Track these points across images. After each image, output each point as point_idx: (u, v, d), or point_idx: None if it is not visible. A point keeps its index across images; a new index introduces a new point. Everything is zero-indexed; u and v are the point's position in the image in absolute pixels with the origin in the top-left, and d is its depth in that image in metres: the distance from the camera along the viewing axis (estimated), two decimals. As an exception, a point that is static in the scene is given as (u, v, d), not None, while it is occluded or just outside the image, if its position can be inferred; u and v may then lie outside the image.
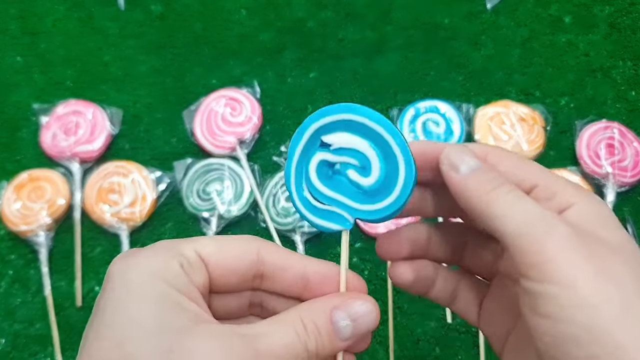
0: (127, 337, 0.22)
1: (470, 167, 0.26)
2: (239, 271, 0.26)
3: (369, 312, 0.27)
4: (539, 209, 0.25)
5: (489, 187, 0.26)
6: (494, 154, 0.28)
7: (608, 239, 0.25)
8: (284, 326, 0.25)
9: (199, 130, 0.61)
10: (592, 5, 0.68)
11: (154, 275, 0.24)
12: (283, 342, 0.24)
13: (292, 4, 0.69)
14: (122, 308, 0.23)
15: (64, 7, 0.70)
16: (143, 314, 0.23)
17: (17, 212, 0.58)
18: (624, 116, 0.62)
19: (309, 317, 0.25)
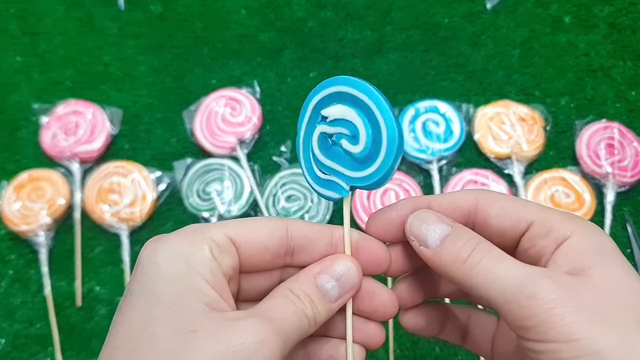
0: (151, 318, 0.24)
1: (438, 237, 0.26)
2: (270, 248, 0.27)
3: (349, 269, 0.28)
4: (519, 269, 0.24)
5: (464, 255, 0.25)
6: (484, 199, 0.28)
7: (602, 274, 0.24)
8: (282, 298, 0.26)
9: (199, 130, 0.61)
10: (592, 5, 0.68)
11: (180, 260, 0.25)
12: (289, 311, 0.26)
13: (292, 4, 0.69)
14: (147, 291, 0.24)
15: (63, 7, 0.70)
16: (167, 296, 0.24)
17: (17, 212, 0.58)
18: (624, 116, 0.62)
19: (297, 287, 0.27)
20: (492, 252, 0.25)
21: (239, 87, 0.63)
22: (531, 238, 0.27)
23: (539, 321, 0.23)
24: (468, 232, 0.27)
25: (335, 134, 0.29)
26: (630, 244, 0.57)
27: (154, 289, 0.24)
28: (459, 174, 0.59)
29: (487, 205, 0.28)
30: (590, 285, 0.24)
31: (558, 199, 0.57)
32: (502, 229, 0.28)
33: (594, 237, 0.26)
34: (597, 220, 0.57)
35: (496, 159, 0.60)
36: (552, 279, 0.24)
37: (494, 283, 0.24)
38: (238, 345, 0.23)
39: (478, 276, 0.25)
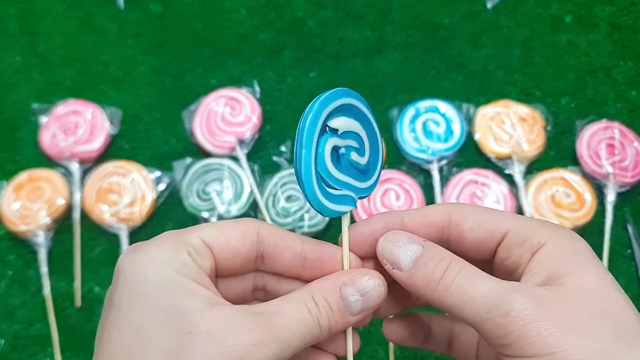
0: (145, 322, 0.24)
1: (410, 259, 0.26)
2: (241, 252, 0.27)
3: (377, 287, 0.27)
4: (492, 286, 0.24)
5: (437, 276, 0.25)
6: (458, 212, 0.28)
7: (577, 283, 0.24)
8: (296, 303, 0.26)
9: (198, 130, 0.61)
10: (592, 5, 0.68)
11: (165, 265, 0.25)
12: (297, 317, 0.25)
13: (292, 3, 0.69)
14: (138, 296, 0.24)
15: (63, 7, 0.70)
16: (159, 300, 0.24)
17: (17, 212, 0.58)
18: (625, 116, 0.62)
19: (319, 294, 0.26)
20: (465, 271, 0.25)
21: (238, 87, 0.63)
22: (507, 248, 0.27)
23: (516, 338, 0.23)
24: (440, 251, 0.27)
25: (346, 147, 0.28)
26: (631, 244, 0.57)
27: (145, 295, 0.24)
28: (459, 174, 0.59)
29: (461, 218, 0.28)
30: (565, 295, 0.24)
31: (559, 199, 0.57)
32: (477, 241, 0.28)
33: (569, 244, 0.26)
34: (597, 221, 0.57)
35: (497, 159, 0.60)
36: (525, 294, 0.24)
37: (468, 303, 0.24)
38: (232, 346, 0.23)
39: (452, 297, 0.25)
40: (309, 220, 0.57)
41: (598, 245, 0.56)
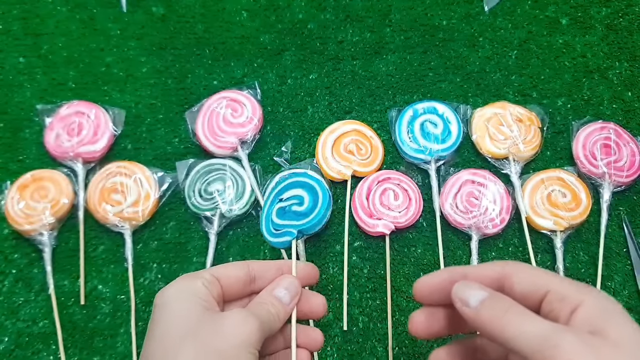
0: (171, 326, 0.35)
1: (478, 299, 0.32)
2: (241, 278, 0.40)
3: (292, 282, 0.40)
4: (545, 324, 0.29)
5: (499, 313, 0.31)
6: (510, 270, 0.34)
7: (612, 334, 0.29)
8: (254, 305, 0.39)
9: (200, 131, 0.61)
10: (589, 7, 0.68)
11: (185, 292, 0.36)
12: (261, 309, 0.38)
13: (292, 6, 0.70)
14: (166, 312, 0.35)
15: (66, 9, 0.70)
16: (182, 312, 0.35)
17: (21, 212, 0.58)
18: (621, 117, 0.63)
19: (263, 298, 0.39)
20: (523, 311, 0.31)
21: (240, 89, 0.64)
22: (549, 302, 0.32)
23: None
24: (502, 297, 0.32)
25: (287, 206, 0.47)
26: (627, 243, 0.57)
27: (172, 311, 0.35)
28: (456, 174, 0.59)
29: (512, 275, 0.33)
30: (607, 342, 0.28)
31: (555, 198, 0.57)
32: (524, 295, 0.33)
33: (604, 303, 0.31)
34: (593, 220, 0.58)
35: (493, 159, 0.60)
36: (573, 334, 0.28)
37: (523, 335, 0.29)
38: (230, 324, 0.35)
39: (510, 330, 0.30)
40: None
41: (594, 244, 0.57)
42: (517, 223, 0.58)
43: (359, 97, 0.65)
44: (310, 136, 0.63)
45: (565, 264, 0.56)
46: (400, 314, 0.56)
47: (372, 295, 0.56)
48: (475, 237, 0.57)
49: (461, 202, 0.58)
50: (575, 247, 0.57)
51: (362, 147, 0.61)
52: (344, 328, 0.55)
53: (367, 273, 0.57)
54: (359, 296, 0.56)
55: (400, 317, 0.55)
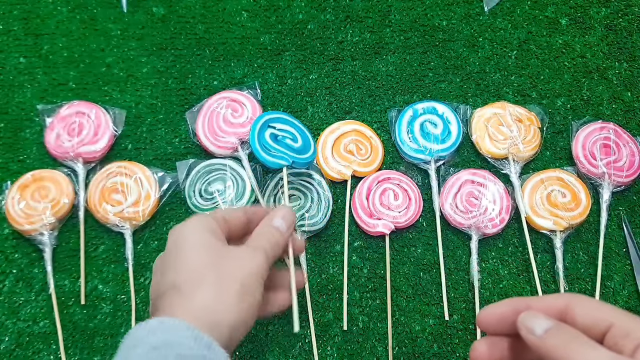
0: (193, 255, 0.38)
1: (543, 328, 0.33)
2: (242, 219, 0.43)
3: (287, 211, 0.44)
4: (609, 355, 0.30)
5: (565, 341, 0.31)
6: (573, 302, 0.34)
7: None
8: (256, 236, 0.42)
9: (201, 131, 0.62)
10: (588, 7, 0.69)
11: (202, 227, 0.40)
12: (263, 239, 0.42)
13: (293, 6, 0.70)
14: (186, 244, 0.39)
15: (66, 9, 0.70)
16: (203, 244, 0.39)
17: (22, 212, 0.58)
18: (620, 117, 0.63)
19: (262, 228, 0.43)
20: (588, 342, 0.31)
21: (240, 89, 0.64)
22: (612, 337, 0.32)
23: None
24: (568, 327, 0.33)
25: (281, 136, 0.54)
26: (626, 242, 0.57)
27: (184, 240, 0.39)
28: (456, 174, 0.59)
29: (575, 306, 0.34)
30: None
31: (554, 198, 0.58)
32: (586, 327, 0.33)
33: None
34: (592, 220, 0.58)
35: (493, 159, 0.61)
36: None
37: None
38: (244, 257, 0.39)
39: (575, 358, 0.30)
40: (309, 219, 0.58)
41: (593, 244, 0.57)
42: (517, 223, 0.58)
43: (359, 98, 0.65)
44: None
45: (565, 263, 0.56)
46: (400, 313, 0.56)
47: (372, 295, 0.56)
48: (475, 237, 0.57)
49: (461, 202, 0.58)
50: (574, 247, 0.58)
51: (362, 147, 0.61)
52: (344, 328, 0.55)
53: (367, 273, 0.57)
54: (359, 296, 0.56)
55: (400, 317, 0.56)
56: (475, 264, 0.56)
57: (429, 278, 0.57)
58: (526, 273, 0.57)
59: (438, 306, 0.56)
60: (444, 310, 0.55)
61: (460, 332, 0.55)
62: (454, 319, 0.55)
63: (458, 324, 0.55)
